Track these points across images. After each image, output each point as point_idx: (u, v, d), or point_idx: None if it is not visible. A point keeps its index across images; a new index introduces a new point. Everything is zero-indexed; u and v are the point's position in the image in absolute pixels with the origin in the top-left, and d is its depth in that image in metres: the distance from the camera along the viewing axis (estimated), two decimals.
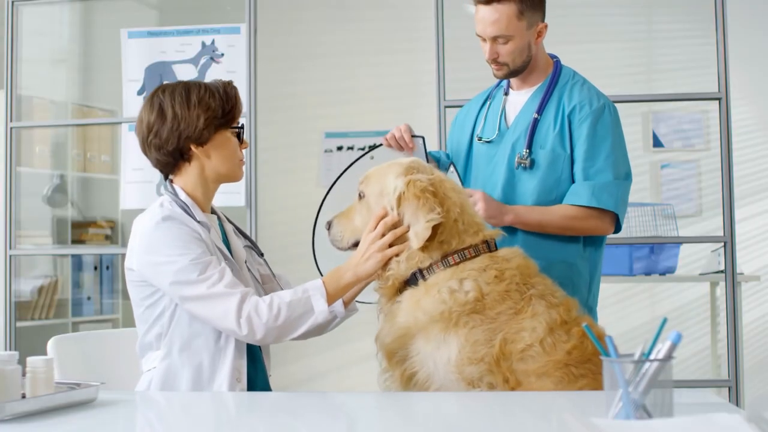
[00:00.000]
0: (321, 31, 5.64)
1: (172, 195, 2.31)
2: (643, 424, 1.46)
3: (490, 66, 2.65)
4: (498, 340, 2.05)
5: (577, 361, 2.04)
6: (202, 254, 2.19)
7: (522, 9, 2.55)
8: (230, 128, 2.33)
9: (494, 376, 2.04)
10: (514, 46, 2.58)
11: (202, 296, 2.16)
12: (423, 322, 2.11)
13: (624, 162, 2.63)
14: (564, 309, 2.10)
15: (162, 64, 4.06)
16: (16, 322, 4.22)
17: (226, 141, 2.32)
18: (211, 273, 2.17)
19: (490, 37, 2.57)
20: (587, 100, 2.62)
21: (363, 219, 2.24)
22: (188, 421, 1.82)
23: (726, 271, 3.69)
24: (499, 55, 2.59)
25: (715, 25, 3.68)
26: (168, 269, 2.18)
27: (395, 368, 2.16)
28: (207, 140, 2.29)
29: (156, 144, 2.30)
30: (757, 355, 5.61)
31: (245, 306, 2.15)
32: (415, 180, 2.16)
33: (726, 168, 3.66)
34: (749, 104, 5.59)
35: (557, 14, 5.52)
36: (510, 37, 2.56)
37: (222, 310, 2.15)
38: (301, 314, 2.18)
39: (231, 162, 2.34)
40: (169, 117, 2.27)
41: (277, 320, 2.15)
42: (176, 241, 2.19)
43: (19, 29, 4.24)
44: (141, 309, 2.29)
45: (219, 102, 2.30)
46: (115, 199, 4.91)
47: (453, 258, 2.15)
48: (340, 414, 1.89)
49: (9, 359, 1.75)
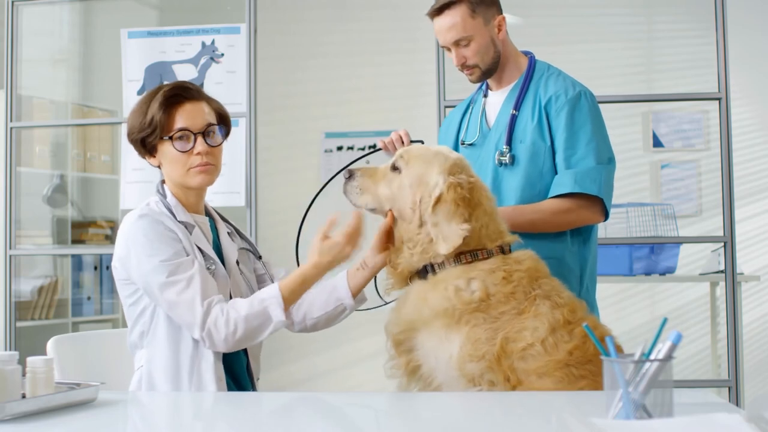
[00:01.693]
0: (321, 31, 5.64)
1: (161, 195, 2.34)
2: (643, 424, 1.46)
3: (463, 73, 2.68)
4: (499, 339, 2.05)
5: (577, 361, 2.04)
6: (173, 255, 2.21)
7: (473, 8, 2.59)
8: (164, 139, 2.30)
9: (495, 374, 2.04)
10: (477, 45, 2.61)
11: (169, 301, 2.20)
12: (427, 316, 2.12)
13: (605, 147, 2.63)
14: (569, 310, 2.10)
15: (162, 64, 4.06)
16: (16, 322, 4.22)
17: (166, 152, 2.32)
18: (179, 278, 2.19)
19: (451, 43, 2.61)
20: (563, 90, 2.63)
21: (390, 192, 2.23)
22: (188, 421, 1.82)
23: (726, 271, 3.69)
24: (466, 58, 2.62)
25: (715, 25, 3.68)
26: (140, 269, 2.22)
27: (401, 357, 2.18)
28: (151, 152, 2.34)
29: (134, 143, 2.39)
30: (757, 355, 5.61)
31: (208, 320, 2.18)
32: (455, 184, 2.15)
33: (726, 168, 3.66)
34: (749, 104, 5.59)
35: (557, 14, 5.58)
36: (470, 37, 2.60)
37: (186, 320, 2.19)
38: (258, 325, 2.20)
39: (179, 172, 2.31)
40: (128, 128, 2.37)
41: (235, 335, 2.19)
42: (149, 239, 2.22)
43: (19, 29, 4.24)
44: (126, 306, 2.33)
45: (137, 122, 2.32)
46: (115, 199, 4.91)
47: (466, 257, 2.16)
48: (340, 414, 1.89)
49: (9, 359, 1.75)
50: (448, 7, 2.58)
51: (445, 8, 2.59)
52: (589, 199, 2.57)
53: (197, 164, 2.30)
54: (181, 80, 2.54)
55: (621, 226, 4.86)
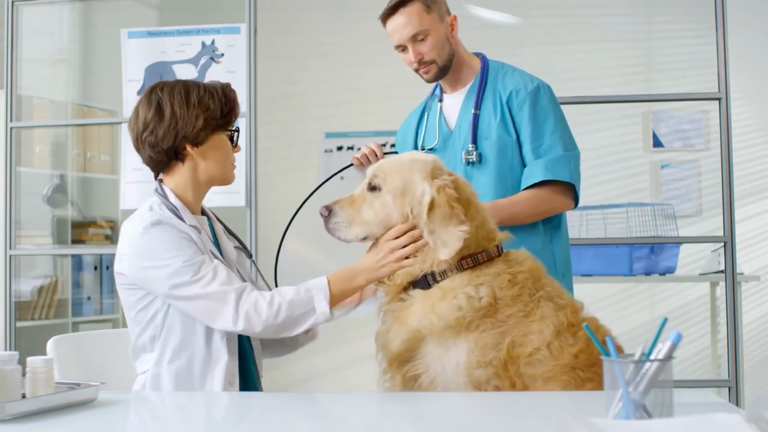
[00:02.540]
0: (321, 31, 5.64)
1: (162, 197, 2.30)
2: (643, 424, 1.46)
3: (418, 73, 2.70)
4: (506, 344, 2.04)
5: (584, 364, 2.03)
6: (193, 255, 2.18)
7: (427, 3, 2.63)
8: (226, 131, 2.34)
9: (501, 380, 2.03)
10: (434, 39, 2.64)
11: (197, 296, 2.15)
12: (438, 327, 2.08)
13: (569, 137, 2.68)
14: (571, 311, 2.10)
15: (162, 64, 4.06)
16: (16, 322, 4.22)
17: (222, 143, 2.32)
18: (204, 272, 2.16)
19: (407, 39, 2.63)
20: (522, 85, 2.66)
21: (375, 213, 2.19)
22: (189, 422, 1.82)
23: (726, 271, 3.68)
24: (423, 54, 2.64)
25: (715, 25, 3.68)
26: (161, 273, 2.17)
27: (396, 370, 2.15)
28: (203, 141, 2.29)
29: (151, 141, 2.29)
30: (757, 355, 5.61)
31: (242, 303, 2.15)
32: (443, 186, 2.13)
33: (726, 168, 3.66)
34: (749, 104, 5.59)
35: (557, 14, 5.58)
36: (426, 31, 2.63)
37: (217, 308, 2.15)
38: (301, 314, 2.17)
39: (224, 164, 2.34)
40: (167, 115, 2.26)
41: (276, 318, 2.15)
42: (167, 245, 2.18)
43: (19, 29, 4.23)
44: (133, 312, 2.28)
45: (218, 103, 2.30)
46: (115, 199, 4.91)
47: (467, 262, 2.13)
48: (340, 414, 1.89)
49: (9, 359, 1.75)
50: (403, 5, 2.62)
51: (399, 6, 2.63)
52: (561, 186, 2.61)
53: (233, 162, 2.38)
54: None
55: (621, 226, 4.86)
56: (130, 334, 2.32)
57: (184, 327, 2.23)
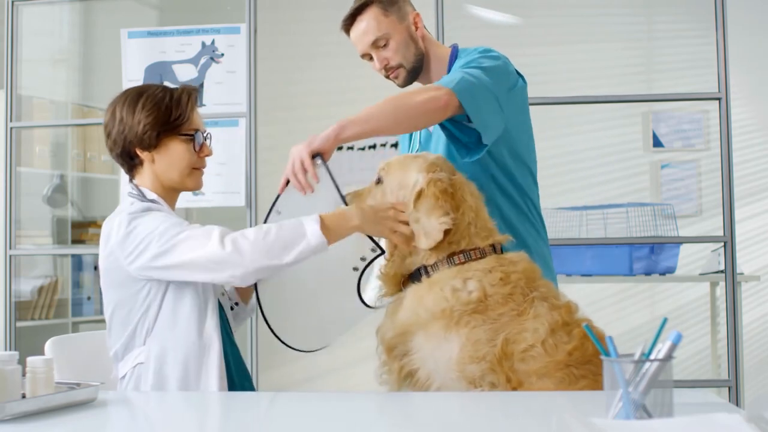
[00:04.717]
0: (321, 31, 5.62)
1: (139, 196, 2.33)
2: (643, 424, 1.46)
3: (389, 79, 2.63)
4: (500, 340, 2.04)
5: (577, 362, 2.04)
6: (180, 222, 2.21)
7: (384, 7, 2.54)
8: (179, 135, 2.32)
9: (496, 376, 2.04)
10: (396, 42, 2.55)
11: (182, 239, 2.15)
12: (424, 319, 2.11)
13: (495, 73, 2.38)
14: (566, 311, 2.10)
15: (162, 64, 4.06)
16: (16, 322, 4.22)
17: (172, 148, 2.32)
18: (192, 226, 2.20)
19: (369, 45, 2.55)
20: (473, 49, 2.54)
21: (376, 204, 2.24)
22: (189, 422, 1.82)
23: (726, 271, 3.68)
24: (388, 59, 2.56)
25: (715, 25, 3.68)
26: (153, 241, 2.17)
27: (393, 362, 2.17)
28: (153, 146, 2.31)
29: (108, 146, 2.37)
30: (757, 355, 5.61)
31: (228, 234, 2.14)
32: (436, 179, 2.17)
33: (726, 168, 3.66)
34: (749, 104, 5.60)
35: (557, 14, 5.58)
36: (387, 35, 2.54)
37: (203, 243, 2.13)
38: (292, 238, 2.12)
39: (177, 169, 2.33)
40: (117, 120, 2.32)
41: (266, 238, 2.11)
42: (156, 222, 2.21)
43: (19, 29, 4.24)
44: (126, 310, 2.27)
45: (165, 109, 2.30)
46: (115, 199, 4.91)
47: (459, 257, 2.16)
48: (340, 414, 1.89)
49: (9, 359, 1.75)
50: (360, 12, 2.55)
51: (356, 14, 2.55)
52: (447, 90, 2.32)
53: (195, 167, 2.36)
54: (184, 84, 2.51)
55: (621, 226, 4.86)
56: (113, 337, 2.30)
57: (177, 318, 2.23)
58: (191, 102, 2.35)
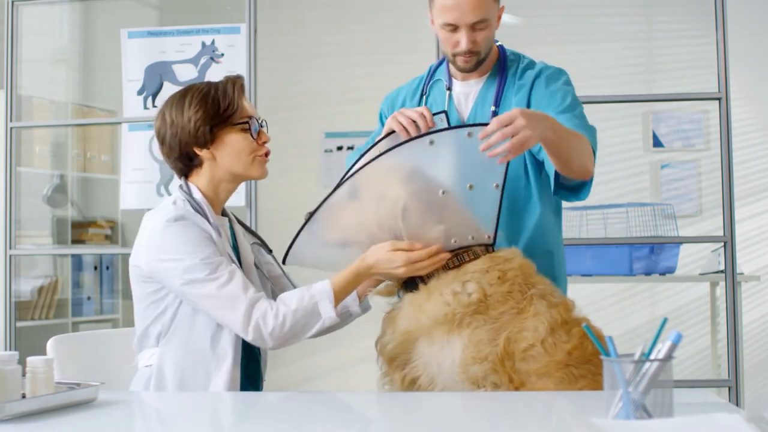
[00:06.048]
0: (321, 31, 5.64)
1: (186, 194, 2.28)
2: (643, 424, 1.46)
3: (453, 60, 2.45)
4: (502, 339, 2.04)
5: (577, 361, 2.04)
6: (212, 254, 2.17)
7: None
8: (233, 125, 2.29)
9: (499, 376, 2.03)
10: (490, 31, 2.41)
11: (211, 295, 2.14)
12: (426, 326, 2.10)
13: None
14: (564, 309, 2.10)
15: (162, 64, 4.06)
16: (16, 322, 4.22)
17: (231, 139, 2.29)
18: (221, 273, 2.15)
19: (469, 24, 2.36)
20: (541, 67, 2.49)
21: (350, 218, 2.16)
22: (188, 422, 1.82)
23: (726, 271, 3.68)
24: (477, 43, 2.40)
25: (715, 25, 3.68)
26: (178, 266, 2.16)
27: (395, 372, 2.15)
28: (210, 141, 2.27)
29: (165, 152, 2.31)
30: (757, 355, 5.61)
31: (254, 312, 2.14)
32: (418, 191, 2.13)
33: (726, 168, 3.66)
34: (749, 104, 5.59)
35: (557, 14, 5.58)
36: (488, 21, 2.38)
37: (230, 314, 2.14)
38: (307, 321, 2.16)
39: (240, 160, 2.30)
40: (168, 124, 2.28)
41: (283, 328, 2.14)
42: (187, 241, 2.17)
43: (19, 29, 4.23)
44: (144, 305, 2.27)
45: (212, 102, 2.26)
46: (115, 199, 4.90)
47: (452, 261, 2.15)
48: (342, 413, 1.89)
49: (9, 359, 1.75)
50: None
51: None
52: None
53: (257, 154, 2.33)
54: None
55: (621, 226, 4.86)
56: (136, 326, 2.31)
57: (192, 327, 2.22)
58: (237, 90, 2.30)
